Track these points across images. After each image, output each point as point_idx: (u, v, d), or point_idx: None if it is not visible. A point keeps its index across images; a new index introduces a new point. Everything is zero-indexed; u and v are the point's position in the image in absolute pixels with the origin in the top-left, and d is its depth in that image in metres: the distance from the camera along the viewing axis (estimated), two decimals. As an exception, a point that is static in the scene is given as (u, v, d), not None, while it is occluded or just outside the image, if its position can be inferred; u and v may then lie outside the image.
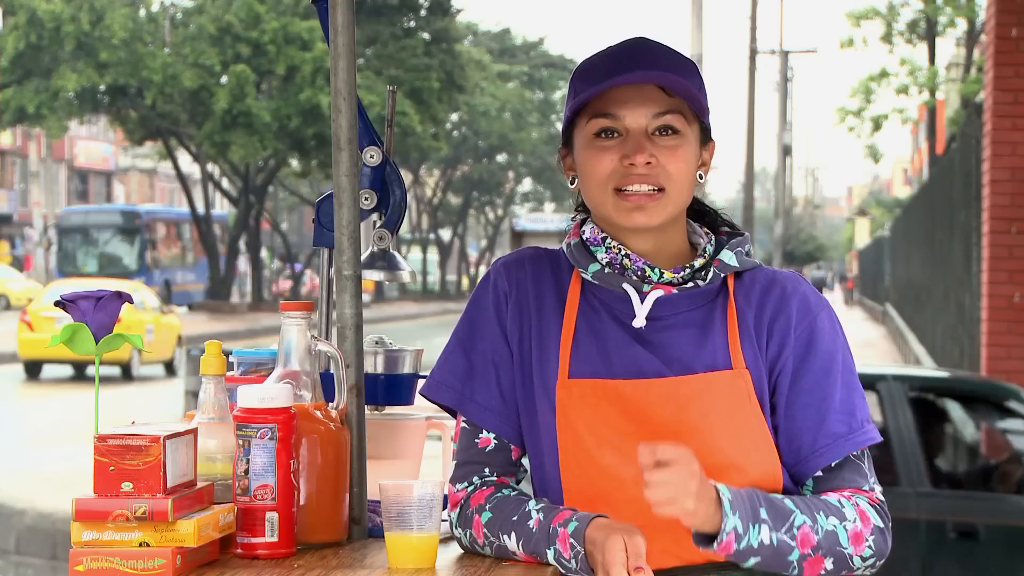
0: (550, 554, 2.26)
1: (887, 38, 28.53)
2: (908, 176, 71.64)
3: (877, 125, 28.19)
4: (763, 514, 2.22)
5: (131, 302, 2.49)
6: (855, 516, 2.29)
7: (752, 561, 2.23)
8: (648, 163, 2.30)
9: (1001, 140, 8.42)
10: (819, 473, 2.34)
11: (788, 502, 2.27)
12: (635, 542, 2.17)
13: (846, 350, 2.38)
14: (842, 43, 28.19)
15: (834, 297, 62.07)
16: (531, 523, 2.29)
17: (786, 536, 2.23)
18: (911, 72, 27.54)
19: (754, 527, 2.20)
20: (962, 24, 27.61)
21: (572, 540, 2.22)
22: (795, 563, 2.25)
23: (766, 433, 2.32)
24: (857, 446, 2.33)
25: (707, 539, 2.21)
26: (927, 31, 28.68)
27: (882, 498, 2.34)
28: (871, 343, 31.12)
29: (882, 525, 2.31)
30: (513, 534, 2.31)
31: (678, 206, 2.36)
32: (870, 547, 2.29)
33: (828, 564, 2.27)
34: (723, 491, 2.19)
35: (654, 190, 2.32)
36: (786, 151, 51.03)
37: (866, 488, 2.34)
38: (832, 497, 2.31)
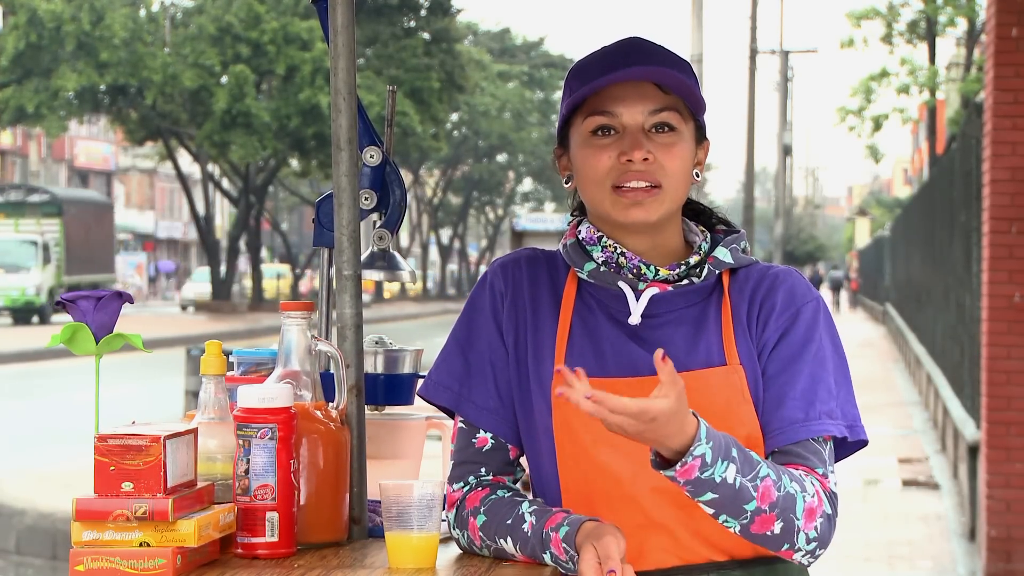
0: (547, 557, 2.26)
1: (887, 38, 28.50)
2: (908, 176, 71.66)
3: (877, 125, 28.16)
4: (734, 453, 2.16)
5: (131, 302, 2.49)
6: (813, 492, 2.25)
7: (707, 496, 2.15)
8: (645, 159, 2.30)
9: (1001, 140, 8.40)
10: (775, 451, 2.30)
11: (755, 455, 2.21)
12: (604, 544, 2.14)
13: (825, 344, 2.34)
14: (842, 43, 28.16)
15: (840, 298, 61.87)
16: (525, 527, 2.29)
17: (750, 484, 2.17)
18: (911, 72, 27.51)
19: (722, 463, 2.14)
20: (962, 24, 27.59)
21: (565, 545, 2.22)
22: (749, 514, 2.19)
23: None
24: (811, 434, 2.29)
25: (666, 463, 2.14)
26: (927, 31, 28.66)
27: (835, 489, 2.30)
28: (871, 343, 31.13)
29: (831, 512, 2.28)
30: (509, 538, 2.31)
31: (675, 202, 2.35)
32: (816, 529, 2.25)
33: (776, 527, 2.21)
34: (702, 420, 2.13)
35: (651, 186, 2.31)
36: (786, 151, 51.07)
37: (820, 472, 2.30)
38: (794, 470, 2.27)
